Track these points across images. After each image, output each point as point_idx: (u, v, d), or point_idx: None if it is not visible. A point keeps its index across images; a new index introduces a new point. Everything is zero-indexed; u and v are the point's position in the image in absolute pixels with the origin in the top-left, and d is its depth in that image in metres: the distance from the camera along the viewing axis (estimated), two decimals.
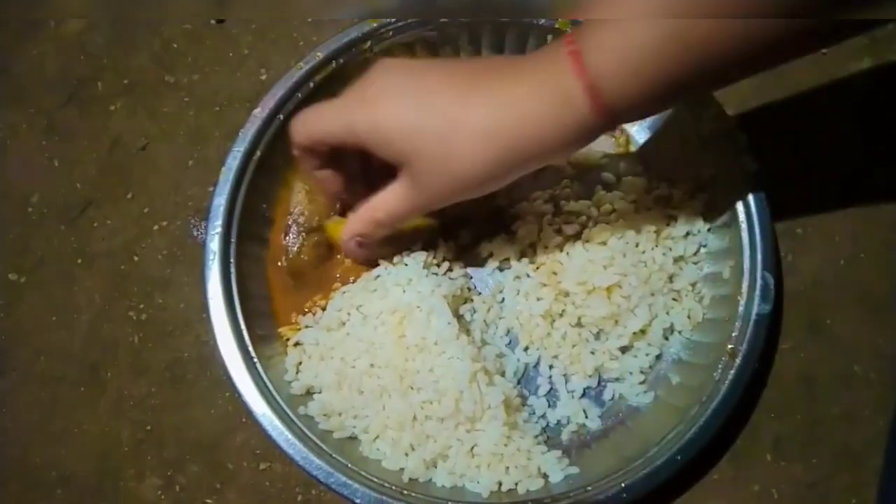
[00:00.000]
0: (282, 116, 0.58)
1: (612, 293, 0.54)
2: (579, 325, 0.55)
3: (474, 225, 0.59)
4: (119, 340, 0.59)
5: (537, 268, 0.56)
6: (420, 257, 0.56)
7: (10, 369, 0.59)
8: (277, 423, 0.50)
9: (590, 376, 0.54)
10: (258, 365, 0.52)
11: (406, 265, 0.55)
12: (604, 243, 0.55)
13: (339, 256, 0.58)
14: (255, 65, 0.67)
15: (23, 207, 0.64)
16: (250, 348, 0.52)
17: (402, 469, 0.50)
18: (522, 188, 0.59)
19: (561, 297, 0.55)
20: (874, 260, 0.59)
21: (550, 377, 0.55)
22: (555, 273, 0.55)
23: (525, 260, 0.57)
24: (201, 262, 0.54)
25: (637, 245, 0.55)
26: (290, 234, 0.57)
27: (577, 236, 0.56)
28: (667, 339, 0.55)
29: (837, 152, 0.62)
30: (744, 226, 0.53)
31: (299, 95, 0.58)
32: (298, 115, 0.51)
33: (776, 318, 0.56)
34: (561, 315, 0.55)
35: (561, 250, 0.56)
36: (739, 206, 0.54)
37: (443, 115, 0.44)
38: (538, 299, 0.55)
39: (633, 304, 0.54)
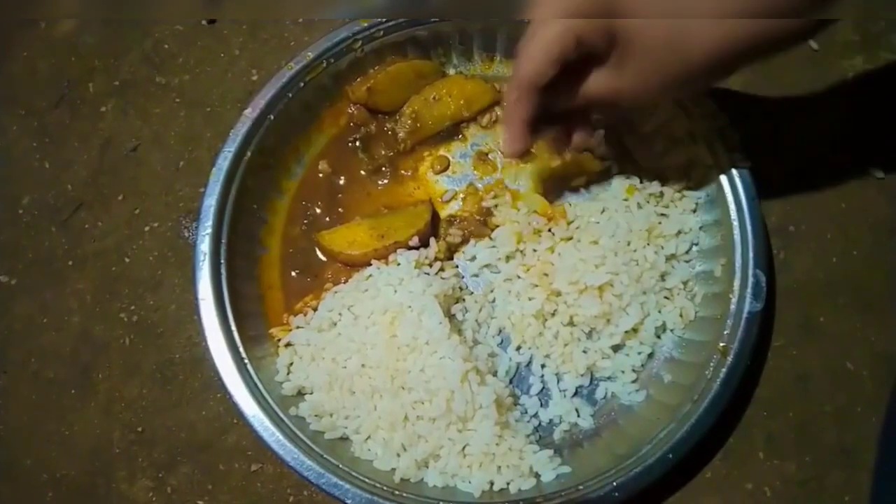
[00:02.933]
0: (272, 117, 0.58)
1: (603, 292, 0.54)
2: (571, 324, 0.55)
3: (465, 224, 0.58)
4: (110, 342, 0.59)
5: (528, 269, 0.56)
6: (411, 257, 0.56)
7: (1, 371, 0.59)
8: (268, 424, 0.49)
9: (582, 375, 0.54)
10: (249, 366, 0.52)
11: (398, 265, 0.55)
12: (595, 242, 0.55)
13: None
14: (247, 65, 0.67)
15: (14, 209, 0.63)
16: (241, 349, 0.52)
17: (393, 469, 0.50)
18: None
19: (553, 296, 0.55)
20: (866, 257, 0.59)
21: (542, 376, 0.55)
22: (546, 274, 0.55)
23: (516, 260, 0.57)
24: (192, 262, 0.54)
25: (629, 244, 0.55)
26: None
27: (568, 236, 0.56)
28: (659, 337, 0.55)
29: (829, 150, 0.62)
30: (735, 224, 0.53)
31: (290, 95, 0.58)
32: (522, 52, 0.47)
33: (768, 316, 0.56)
34: (553, 314, 0.55)
35: (552, 250, 0.56)
36: (731, 203, 0.54)
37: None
38: (530, 299, 0.55)
39: (625, 303, 0.54)
